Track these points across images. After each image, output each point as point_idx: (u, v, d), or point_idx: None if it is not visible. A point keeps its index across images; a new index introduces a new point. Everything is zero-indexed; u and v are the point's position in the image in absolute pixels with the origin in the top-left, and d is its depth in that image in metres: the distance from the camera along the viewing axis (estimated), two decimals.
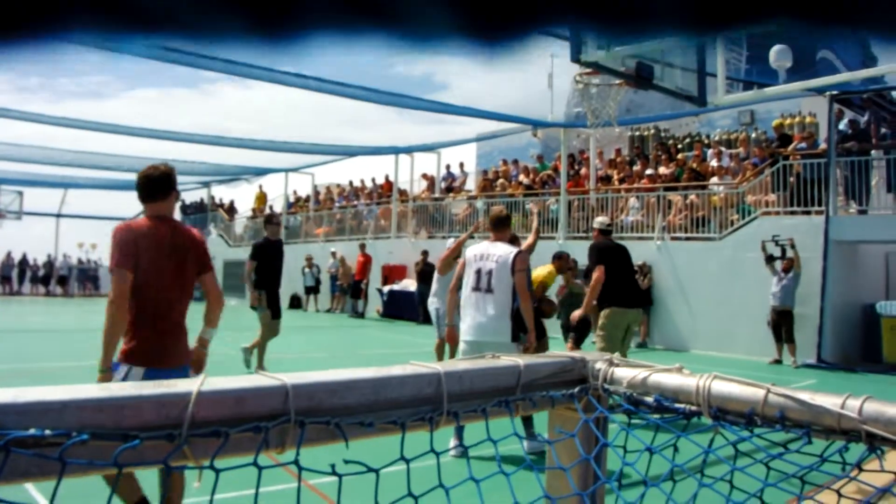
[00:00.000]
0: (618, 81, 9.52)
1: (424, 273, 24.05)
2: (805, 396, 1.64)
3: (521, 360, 1.93)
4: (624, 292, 9.67)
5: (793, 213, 17.65)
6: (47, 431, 1.13)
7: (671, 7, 0.94)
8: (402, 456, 1.57)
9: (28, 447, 1.12)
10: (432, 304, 12.21)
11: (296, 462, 1.41)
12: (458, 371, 1.76)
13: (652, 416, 1.88)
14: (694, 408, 1.79)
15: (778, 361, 15.81)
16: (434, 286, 12.34)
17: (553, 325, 10.61)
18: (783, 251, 16.04)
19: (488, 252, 7.78)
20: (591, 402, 2.01)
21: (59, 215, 41.02)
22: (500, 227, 8.04)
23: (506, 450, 1.82)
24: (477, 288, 7.67)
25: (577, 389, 2.00)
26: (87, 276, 43.26)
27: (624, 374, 1.98)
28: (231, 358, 13.57)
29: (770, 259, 15.97)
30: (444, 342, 12.26)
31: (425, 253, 24.43)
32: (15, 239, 49.13)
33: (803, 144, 19.00)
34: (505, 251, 7.74)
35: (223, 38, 0.91)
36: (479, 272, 7.70)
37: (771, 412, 1.67)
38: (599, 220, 10.34)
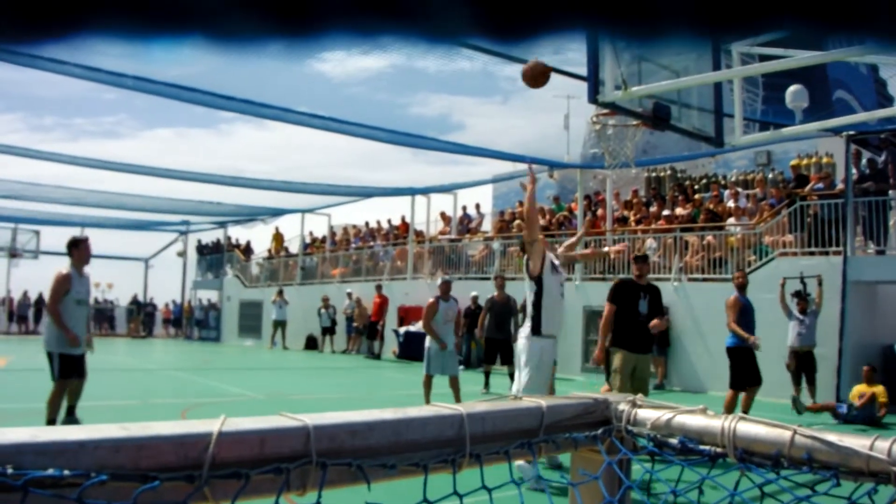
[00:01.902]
0: (635, 122, 9.53)
1: None
2: (833, 438, 1.62)
3: (543, 401, 1.92)
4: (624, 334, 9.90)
5: (811, 253, 17.57)
6: (66, 472, 1.12)
7: (683, 9, 0.94)
8: (425, 498, 1.55)
9: (46, 487, 1.10)
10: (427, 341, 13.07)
11: None
12: (481, 413, 1.75)
13: (676, 458, 1.85)
14: (719, 449, 1.77)
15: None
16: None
17: None
18: (804, 286, 15.89)
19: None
20: (615, 443, 1.99)
21: None
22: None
23: (529, 492, 1.79)
24: None
25: (600, 431, 1.98)
26: (103, 316, 43.29)
27: (647, 415, 1.96)
28: (252, 399, 13.57)
29: (797, 295, 15.77)
30: (431, 378, 12.74)
31: None
32: (31, 278, 49.23)
33: (820, 185, 18.97)
34: None
35: (249, 40, 0.92)
36: None
37: (798, 454, 1.65)
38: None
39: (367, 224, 35.53)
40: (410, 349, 25.73)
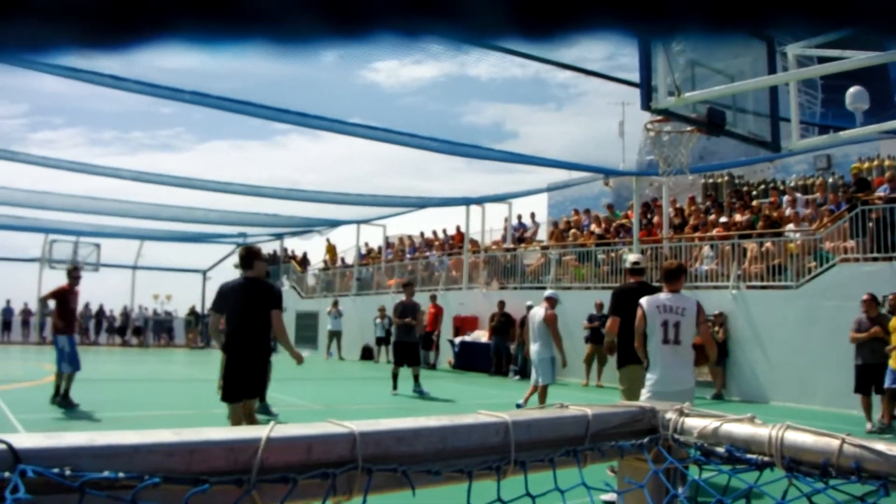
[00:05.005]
0: (689, 128, 9.46)
1: (501, 325, 23.92)
2: (881, 447, 1.61)
3: (589, 409, 1.92)
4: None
5: (873, 259, 17.26)
6: (120, 474, 1.16)
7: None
8: None
9: (102, 489, 1.15)
10: (541, 353, 13.03)
11: None
12: (527, 420, 1.76)
13: (723, 467, 1.85)
14: (766, 458, 1.76)
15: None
16: (536, 335, 13.15)
17: None
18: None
19: (672, 304, 7.87)
20: (661, 452, 1.98)
21: (135, 267, 41.76)
22: (674, 279, 8.09)
23: (574, 502, 1.80)
24: (666, 340, 7.75)
25: (646, 440, 1.98)
26: (162, 327, 43.87)
27: (695, 424, 1.96)
28: (309, 409, 13.68)
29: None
30: (537, 388, 12.90)
31: (502, 304, 24.34)
32: (92, 290, 50.10)
33: (885, 186, 18.62)
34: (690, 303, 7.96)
35: (297, 40, 0.94)
36: (665, 324, 7.78)
37: (846, 463, 1.63)
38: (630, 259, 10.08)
39: (422, 234, 35.66)
40: (466, 359, 25.73)
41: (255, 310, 8.52)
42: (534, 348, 13.23)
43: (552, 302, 13.67)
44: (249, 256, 8.78)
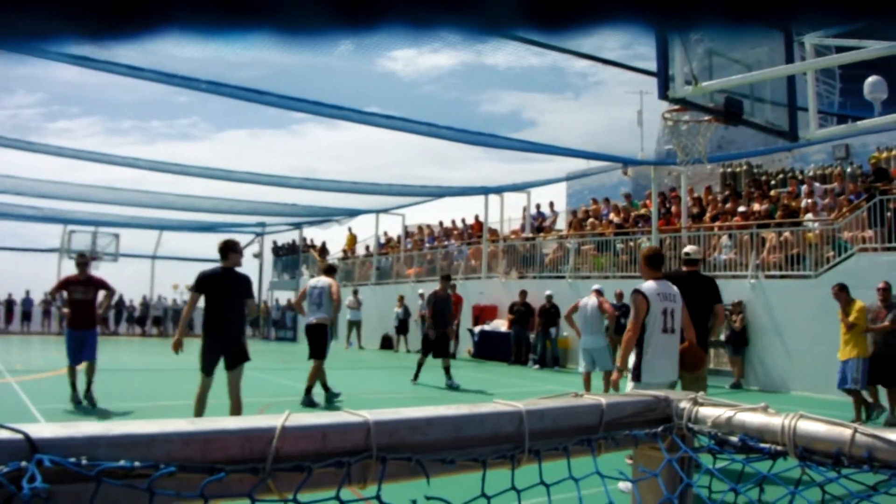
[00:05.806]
0: (707, 117, 9.42)
1: (521, 314, 23.90)
2: (893, 436, 1.61)
3: (603, 398, 1.93)
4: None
5: (891, 249, 17.15)
6: (136, 463, 1.18)
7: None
8: (483, 493, 1.58)
9: (118, 478, 1.16)
10: (599, 341, 13.58)
11: (377, 497, 1.43)
12: (541, 409, 1.77)
13: (737, 456, 1.85)
14: (779, 448, 1.77)
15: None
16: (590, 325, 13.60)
17: None
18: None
19: (665, 291, 7.78)
20: (676, 441, 1.99)
21: (154, 257, 41.87)
22: (658, 266, 8.03)
23: (588, 490, 1.81)
24: (665, 329, 7.65)
25: (660, 429, 1.99)
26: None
27: (708, 413, 1.96)
28: (321, 396, 13.73)
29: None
30: (590, 375, 13.28)
31: (524, 293, 24.30)
32: (111, 280, 50.32)
33: None
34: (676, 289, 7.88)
35: (307, 31, 0.95)
36: (665, 312, 7.67)
37: (858, 452, 1.63)
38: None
39: (441, 223, 35.64)
40: (485, 348, 25.73)
41: (230, 295, 9.64)
42: (589, 338, 13.34)
43: (600, 292, 14.37)
44: (226, 248, 9.94)
